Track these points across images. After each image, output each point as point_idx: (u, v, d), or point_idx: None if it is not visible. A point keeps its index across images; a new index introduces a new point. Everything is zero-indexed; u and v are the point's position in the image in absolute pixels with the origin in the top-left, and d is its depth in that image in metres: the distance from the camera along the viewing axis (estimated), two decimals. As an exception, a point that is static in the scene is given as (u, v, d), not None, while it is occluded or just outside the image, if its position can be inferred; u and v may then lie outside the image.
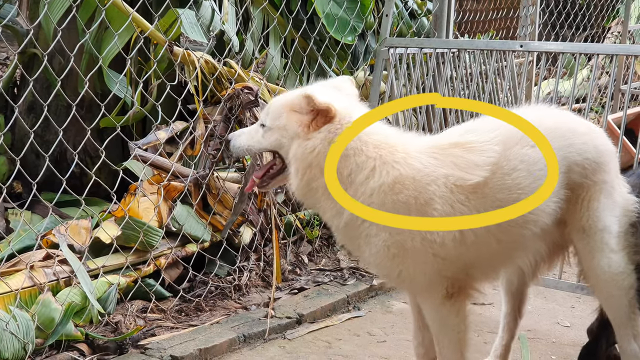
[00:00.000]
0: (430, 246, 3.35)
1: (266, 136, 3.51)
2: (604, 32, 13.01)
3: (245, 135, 3.63)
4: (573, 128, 3.63)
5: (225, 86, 5.51)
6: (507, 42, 6.18)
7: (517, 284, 4.11)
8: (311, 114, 3.37)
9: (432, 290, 3.45)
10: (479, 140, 3.47)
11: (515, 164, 3.42)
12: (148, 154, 5.15)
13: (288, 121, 3.43)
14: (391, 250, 3.36)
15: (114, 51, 5.20)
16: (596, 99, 10.84)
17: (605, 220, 3.59)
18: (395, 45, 6.23)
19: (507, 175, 3.41)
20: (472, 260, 3.45)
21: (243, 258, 5.45)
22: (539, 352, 4.69)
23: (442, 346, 3.58)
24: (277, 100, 3.60)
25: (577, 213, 3.60)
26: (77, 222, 4.90)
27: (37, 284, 4.39)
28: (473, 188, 3.37)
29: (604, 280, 3.64)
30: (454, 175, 3.36)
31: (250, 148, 3.62)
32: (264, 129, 3.52)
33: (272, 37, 6.45)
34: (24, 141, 5.18)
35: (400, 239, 3.34)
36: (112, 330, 4.52)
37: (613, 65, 5.79)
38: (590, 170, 3.56)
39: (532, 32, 8.13)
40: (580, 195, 3.58)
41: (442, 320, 3.51)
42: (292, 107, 3.43)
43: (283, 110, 3.45)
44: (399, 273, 3.42)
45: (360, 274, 5.65)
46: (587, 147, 3.57)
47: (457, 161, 3.40)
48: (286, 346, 4.68)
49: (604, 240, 3.60)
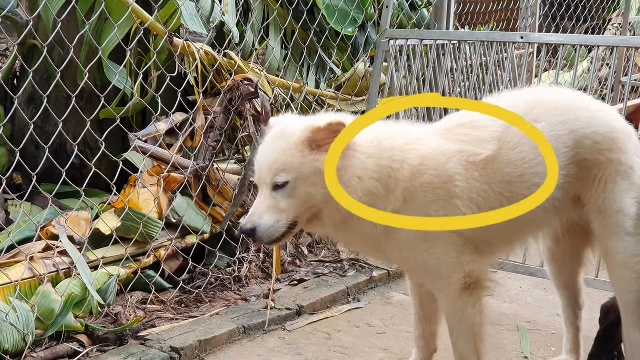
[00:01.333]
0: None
1: (298, 194, 3.20)
2: (605, 23, 12.99)
3: (266, 211, 3.22)
4: (581, 102, 3.65)
5: (225, 78, 5.50)
6: (507, 34, 6.17)
7: (567, 275, 4.12)
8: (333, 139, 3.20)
9: (452, 281, 3.47)
10: (482, 118, 3.53)
11: (519, 139, 3.46)
12: (148, 146, 5.15)
13: (317, 162, 3.19)
14: (420, 235, 3.38)
15: (113, 42, 5.19)
16: (596, 90, 10.82)
17: (622, 202, 3.55)
18: (395, 36, 6.23)
19: (513, 150, 3.45)
20: (488, 234, 3.49)
21: (243, 250, 5.45)
22: (538, 343, 4.69)
23: (456, 337, 3.60)
24: (277, 152, 3.24)
25: (594, 194, 3.59)
26: (77, 213, 4.90)
27: (37, 275, 4.39)
28: (484, 163, 3.42)
29: (617, 262, 3.61)
30: (466, 151, 3.42)
31: (283, 223, 3.22)
32: (288, 186, 3.20)
33: (272, 29, 6.44)
34: (24, 132, 5.18)
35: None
36: (112, 322, 4.53)
37: (613, 57, 5.80)
38: (605, 146, 3.54)
39: (532, 24, 8.14)
40: (597, 175, 3.56)
41: (459, 311, 3.53)
42: (309, 147, 3.21)
43: (299, 156, 3.20)
44: (426, 260, 3.44)
45: (360, 266, 5.65)
46: (597, 121, 3.55)
47: (465, 139, 3.46)
48: (286, 337, 4.68)
49: (620, 222, 3.56)
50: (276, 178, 3.20)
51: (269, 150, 3.30)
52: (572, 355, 4.24)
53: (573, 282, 4.16)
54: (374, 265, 5.62)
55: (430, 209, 3.37)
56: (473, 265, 3.47)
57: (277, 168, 3.21)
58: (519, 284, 5.59)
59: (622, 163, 3.57)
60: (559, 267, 4.13)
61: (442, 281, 3.52)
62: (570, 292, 4.17)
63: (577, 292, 4.18)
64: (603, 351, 4.02)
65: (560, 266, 4.12)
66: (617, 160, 3.57)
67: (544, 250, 4.18)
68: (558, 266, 4.14)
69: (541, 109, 3.53)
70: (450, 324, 3.62)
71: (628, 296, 3.65)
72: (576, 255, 4.05)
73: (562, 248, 4.05)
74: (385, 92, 6.35)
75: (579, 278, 4.16)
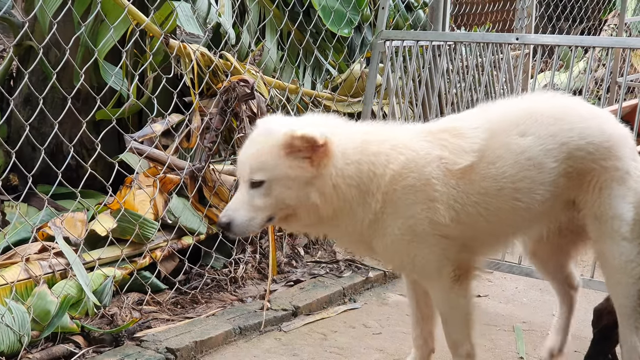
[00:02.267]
0: (436, 228, 3.42)
1: (272, 194, 3.28)
2: (601, 24, 13.00)
3: (242, 207, 3.31)
4: (574, 110, 3.61)
5: (221, 79, 5.51)
6: (503, 35, 6.18)
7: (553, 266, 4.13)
8: (310, 151, 3.27)
9: (442, 274, 3.52)
10: (466, 126, 3.53)
11: (501, 152, 3.45)
12: (144, 147, 5.15)
13: (290, 168, 3.27)
14: (405, 237, 3.43)
15: (109, 44, 5.19)
16: (592, 91, 10.84)
17: (617, 207, 3.54)
18: (391, 37, 6.23)
19: (492, 164, 3.45)
20: (471, 236, 3.51)
21: (239, 250, 5.45)
22: (534, 343, 4.69)
23: (450, 327, 3.66)
24: (257, 150, 3.33)
25: (589, 199, 3.58)
26: (72, 214, 4.89)
27: (32, 277, 4.39)
28: (461, 173, 3.43)
29: (613, 267, 3.61)
30: (446, 158, 3.44)
31: (256, 222, 3.32)
32: (264, 186, 3.28)
33: (268, 30, 6.44)
34: (19, 134, 5.18)
35: (412, 224, 3.41)
36: (108, 323, 4.53)
37: (609, 58, 5.81)
38: (599, 155, 3.52)
39: (528, 25, 8.15)
40: (591, 182, 3.55)
41: (452, 302, 3.59)
42: (284, 151, 3.27)
43: (275, 158, 3.27)
44: (413, 259, 3.49)
45: (356, 266, 5.66)
46: (592, 130, 3.53)
47: (446, 145, 3.47)
48: (282, 338, 4.69)
49: (615, 227, 3.55)
50: (253, 175, 3.29)
51: (250, 148, 3.38)
52: (560, 332, 4.21)
53: (562, 270, 4.14)
54: (370, 266, 5.63)
55: (412, 211, 3.41)
56: (461, 258, 3.53)
57: (254, 166, 3.29)
58: (514, 285, 5.59)
59: (617, 169, 3.56)
60: (542, 262, 4.15)
61: (431, 277, 3.57)
62: (560, 277, 4.17)
63: (569, 276, 4.16)
64: (599, 353, 4.03)
65: (544, 261, 4.13)
66: (613, 166, 3.55)
67: (523, 248, 4.20)
68: (540, 261, 4.15)
69: (531, 121, 3.51)
70: (443, 315, 3.67)
71: (624, 301, 3.64)
72: (564, 251, 4.04)
73: (543, 248, 4.04)
74: (381, 93, 6.36)
75: (568, 267, 4.14)
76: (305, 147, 3.27)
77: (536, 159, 3.46)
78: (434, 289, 3.63)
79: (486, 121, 3.54)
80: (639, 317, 3.64)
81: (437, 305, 3.70)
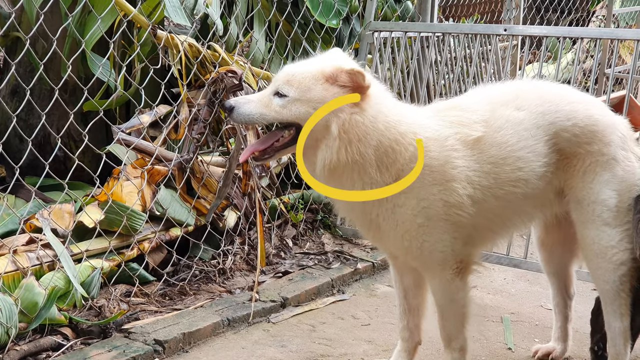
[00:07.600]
0: (449, 211, 3.46)
1: (290, 107, 3.34)
2: (589, 15, 13.03)
3: (255, 103, 3.40)
4: (562, 94, 3.73)
5: (209, 70, 5.49)
6: (491, 26, 6.18)
7: (557, 261, 4.21)
8: (351, 89, 3.33)
9: (445, 266, 3.56)
10: (470, 101, 3.67)
11: (502, 122, 3.57)
12: (131, 138, 5.13)
13: (325, 94, 3.32)
14: (417, 219, 3.46)
15: (97, 35, 5.16)
16: (580, 82, 10.87)
17: (600, 192, 3.60)
18: (379, 29, 6.23)
19: (497, 132, 3.55)
20: (477, 223, 3.55)
21: (227, 242, 5.45)
22: (522, 334, 4.71)
23: (446, 319, 3.69)
24: (301, 71, 3.39)
25: (574, 184, 3.65)
26: (60, 206, 4.88)
27: (20, 268, 4.37)
28: (474, 143, 3.52)
29: (593, 252, 3.67)
30: (460, 132, 3.52)
31: (264, 117, 3.38)
32: (286, 99, 3.35)
33: (256, 21, 6.42)
34: (7, 125, 5.14)
35: (425, 206, 3.44)
36: (96, 315, 4.52)
37: (597, 49, 5.80)
38: (584, 139, 3.61)
39: (516, 16, 8.15)
40: (576, 166, 3.63)
41: (451, 294, 3.62)
42: (329, 80, 3.34)
43: (316, 83, 3.34)
44: (421, 244, 3.50)
45: (345, 258, 5.66)
46: (578, 113, 3.62)
47: (458, 120, 3.56)
48: (270, 330, 4.69)
49: (597, 212, 3.62)
50: (282, 88, 3.36)
51: (301, 64, 3.47)
52: (559, 343, 4.28)
53: (563, 270, 4.23)
54: (359, 257, 5.64)
55: (428, 192, 3.44)
56: (465, 251, 3.57)
57: (288, 80, 3.37)
58: (502, 276, 5.61)
59: (603, 154, 3.62)
60: (549, 253, 4.22)
61: (435, 268, 3.59)
62: (560, 281, 4.25)
63: (568, 280, 4.25)
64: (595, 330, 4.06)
65: (550, 253, 4.21)
66: (598, 151, 3.61)
67: (534, 237, 4.29)
68: (547, 252, 4.23)
69: (524, 98, 3.63)
70: (440, 307, 3.69)
71: (605, 286, 3.70)
72: (567, 245, 4.10)
73: (551, 237, 4.14)
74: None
75: (570, 267, 4.23)
76: (349, 82, 3.32)
77: (531, 130, 3.57)
78: (434, 280, 3.65)
79: (486, 96, 3.68)
80: (622, 302, 3.69)
81: (436, 297, 3.71)
